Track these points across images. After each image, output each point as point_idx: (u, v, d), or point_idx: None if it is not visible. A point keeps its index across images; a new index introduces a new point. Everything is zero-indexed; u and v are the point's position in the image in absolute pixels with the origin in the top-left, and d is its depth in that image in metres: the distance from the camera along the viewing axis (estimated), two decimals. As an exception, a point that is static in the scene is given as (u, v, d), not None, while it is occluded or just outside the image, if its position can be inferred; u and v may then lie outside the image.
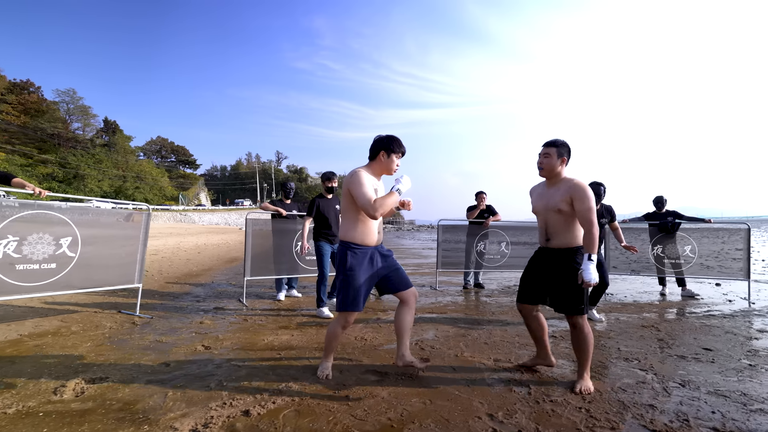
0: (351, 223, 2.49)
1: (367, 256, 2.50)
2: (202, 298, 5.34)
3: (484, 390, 2.51)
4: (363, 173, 2.42)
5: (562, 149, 2.58)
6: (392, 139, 2.55)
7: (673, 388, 2.58)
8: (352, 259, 2.45)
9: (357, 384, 2.55)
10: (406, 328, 2.64)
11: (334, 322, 2.58)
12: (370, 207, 2.32)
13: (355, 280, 2.44)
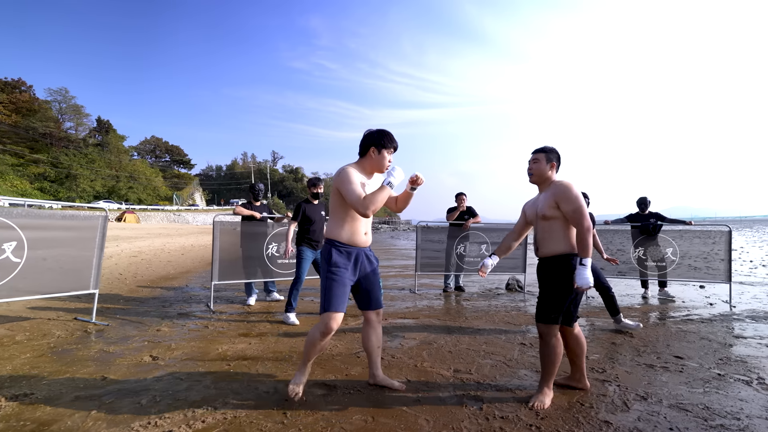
0: (338, 221, 2.35)
1: (352, 256, 2.35)
2: (170, 303, 5.18)
3: (435, 406, 2.37)
4: (351, 170, 2.28)
5: (551, 155, 2.50)
6: (383, 134, 2.36)
7: (634, 402, 2.45)
8: (337, 256, 2.31)
9: (291, 398, 2.41)
10: (374, 347, 2.52)
11: (314, 328, 2.32)
12: (360, 204, 2.18)
13: (339, 277, 2.28)
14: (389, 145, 2.36)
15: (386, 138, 2.36)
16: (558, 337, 2.39)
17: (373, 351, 2.52)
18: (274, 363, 3.02)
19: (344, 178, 2.24)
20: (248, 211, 5.25)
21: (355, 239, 2.35)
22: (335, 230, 2.35)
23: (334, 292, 2.27)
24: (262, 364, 3.00)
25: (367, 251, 2.45)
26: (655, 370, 3.01)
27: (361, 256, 2.40)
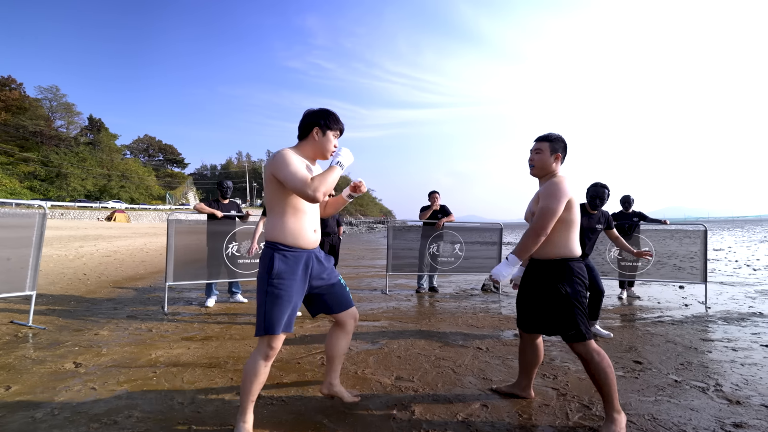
0: (278, 218, 1.91)
1: (300, 261, 1.92)
2: (124, 305, 4.97)
3: (359, 418, 2.19)
4: (289, 152, 1.90)
5: (557, 144, 2.19)
6: (328, 113, 2.04)
7: (576, 413, 2.28)
8: (280, 263, 1.86)
9: (205, 410, 2.22)
10: (339, 353, 2.20)
11: (253, 356, 1.90)
12: (307, 187, 1.79)
13: (283, 291, 1.85)
14: (335, 126, 2.04)
15: (331, 118, 2.03)
16: (597, 349, 2.02)
17: (338, 358, 2.21)
18: (204, 370, 2.83)
19: (281, 161, 1.84)
20: (208, 209, 5.05)
21: (302, 240, 1.93)
22: (275, 230, 1.91)
23: (278, 310, 1.85)
24: (191, 371, 2.80)
25: (316, 252, 2.05)
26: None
27: (312, 260, 1.99)
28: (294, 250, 1.91)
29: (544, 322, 2.16)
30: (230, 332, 3.84)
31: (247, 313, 4.66)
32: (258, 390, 1.92)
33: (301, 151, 2.02)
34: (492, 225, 6.67)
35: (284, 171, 1.82)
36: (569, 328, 2.04)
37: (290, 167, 1.82)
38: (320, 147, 2.02)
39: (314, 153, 2.04)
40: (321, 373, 2.78)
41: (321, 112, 2.03)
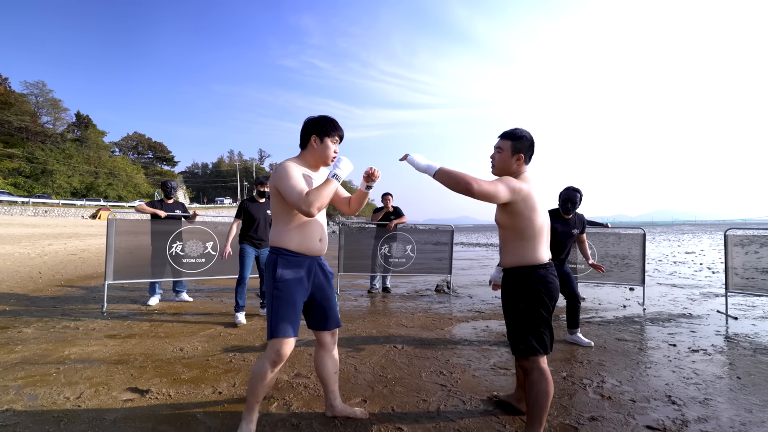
0: (283, 226, 1.96)
1: (304, 267, 1.96)
2: (65, 303, 5.01)
3: (230, 419, 2.28)
4: (290, 164, 1.93)
5: (520, 143, 2.00)
6: (325, 120, 2.03)
7: (428, 419, 2.39)
8: (284, 268, 1.91)
9: (87, 404, 2.30)
10: (329, 374, 2.14)
11: (262, 359, 1.92)
12: (302, 202, 1.81)
13: (287, 295, 1.89)
14: (333, 133, 2.03)
15: (329, 125, 2.03)
16: (541, 370, 1.91)
17: (330, 378, 2.14)
18: (108, 367, 2.90)
19: (282, 174, 1.88)
20: (150, 209, 5.10)
21: (307, 246, 1.97)
22: (281, 236, 1.96)
23: (283, 313, 1.88)
24: (95, 368, 2.87)
25: (321, 261, 2.08)
26: (498, 374, 2.97)
27: (314, 266, 2.02)
28: (297, 255, 1.95)
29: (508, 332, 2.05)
30: (157, 330, 3.91)
31: (189, 312, 4.73)
32: (264, 393, 1.94)
33: (304, 160, 2.05)
34: (444, 227, 6.80)
35: (283, 184, 1.86)
36: (518, 341, 1.93)
37: (289, 181, 1.85)
38: (320, 155, 2.03)
39: (315, 161, 2.06)
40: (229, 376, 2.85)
41: (317, 120, 2.04)
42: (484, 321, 4.64)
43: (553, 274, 1.97)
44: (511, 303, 1.98)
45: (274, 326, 1.87)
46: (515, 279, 1.96)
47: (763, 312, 5.36)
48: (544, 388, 1.88)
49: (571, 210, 3.77)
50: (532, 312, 1.91)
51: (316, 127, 2.02)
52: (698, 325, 4.59)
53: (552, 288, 1.93)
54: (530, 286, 1.91)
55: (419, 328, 4.24)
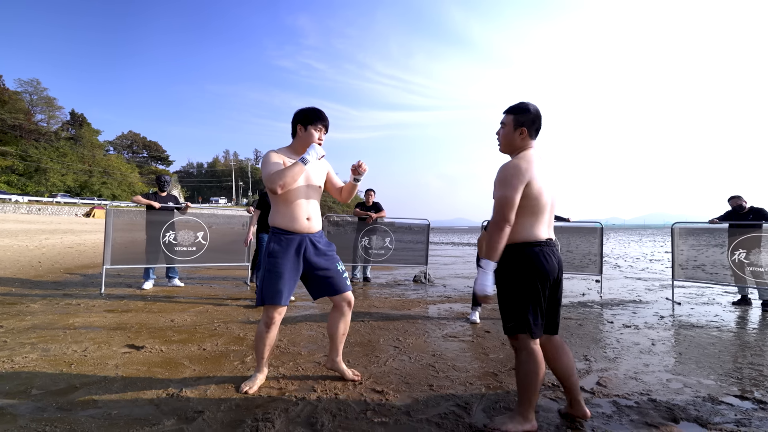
0: (275, 207, 2.25)
1: (293, 243, 2.21)
2: (66, 286, 5.43)
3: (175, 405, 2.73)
4: (271, 153, 2.22)
5: (522, 116, 1.91)
6: (310, 110, 2.27)
7: (377, 367, 2.87)
8: (275, 244, 2.20)
9: (91, 356, 2.74)
10: (339, 334, 2.39)
11: (259, 324, 2.28)
12: (268, 180, 2.09)
13: (277, 267, 2.17)
14: (316, 122, 2.26)
15: (312, 114, 2.26)
16: (530, 350, 1.84)
17: (338, 338, 2.39)
18: (109, 331, 3.34)
19: (263, 161, 2.20)
20: (145, 200, 5.54)
21: (296, 225, 2.22)
22: (274, 216, 2.26)
23: (270, 283, 2.17)
24: (97, 332, 3.32)
25: (313, 237, 2.29)
26: (447, 341, 3.44)
27: (305, 243, 2.25)
28: (287, 233, 2.22)
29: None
30: (151, 307, 4.35)
31: (180, 295, 5.16)
32: (266, 350, 2.26)
33: (292, 148, 2.31)
34: (420, 222, 7.28)
35: (262, 170, 2.17)
36: (507, 319, 1.88)
37: (266, 167, 2.16)
38: (304, 142, 2.26)
39: (302, 148, 2.27)
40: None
41: (303, 110, 2.29)
42: (450, 304, 5.12)
43: (550, 253, 1.87)
44: (502, 279, 1.89)
45: (264, 294, 2.17)
46: (508, 256, 1.86)
47: (707, 299, 5.89)
48: (533, 368, 1.83)
49: None
50: (522, 289, 1.84)
51: (301, 117, 2.27)
52: (642, 308, 5.10)
53: (546, 268, 1.83)
54: (522, 262, 1.83)
55: (388, 308, 4.71)
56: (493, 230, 1.79)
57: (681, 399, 2.32)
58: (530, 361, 1.84)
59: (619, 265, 11.42)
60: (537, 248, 1.86)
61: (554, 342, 2.00)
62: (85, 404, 2.04)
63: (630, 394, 2.37)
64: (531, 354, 1.85)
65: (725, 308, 5.24)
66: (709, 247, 6.29)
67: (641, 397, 2.33)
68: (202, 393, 2.21)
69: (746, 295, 5.48)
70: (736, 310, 5.15)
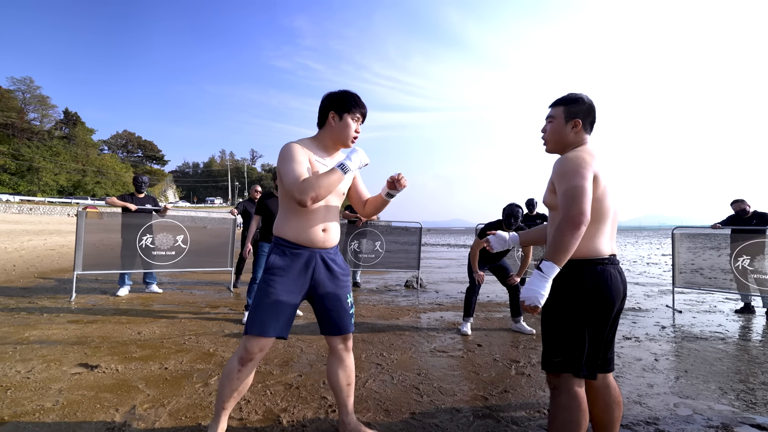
0: (284, 213, 1.75)
1: (301, 259, 1.71)
2: (35, 293, 5.12)
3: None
4: (295, 146, 1.68)
5: (575, 107, 1.61)
6: (346, 95, 1.76)
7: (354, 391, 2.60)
8: (277, 258, 1.70)
9: (36, 378, 2.46)
10: (342, 384, 1.83)
11: (232, 357, 1.68)
12: (295, 188, 1.58)
13: (271, 288, 1.65)
14: (354, 109, 1.75)
15: (350, 99, 1.75)
16: (573, 393, 1.48)
17: (342, 389, 1.84)
18: (64, 347, 3.06)
19: (284, 155, 1.66)
20: (121, 202, 5.25)
21: (308, 236, 1.71)
22: (280, 224, 1.75)
23: (264, 308, 1.64)
24: (51, 347, 3.03)
25: (328, 255, 1.78)
26: (434, 356, 3.18)
27: (316, 260, 1.74)
28: (295, 246, 1.71)
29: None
30: (120, 318, 4.05)
31: (156, 303, 4.87)
32: (231, 397, 1.66)
33: (320, 141, 1.79)
34: (412, 225, 7.03)
35: (283, 166, 1.64)
36: (554, 352, 1.51)
37: (289, 163, 1.63)
38: (339, 134, 1.75)
39: (333, 141, 1.78)
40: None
41: (338, 94, 1.77)
42: (441, 312, 4.87)
43: (615, 270, 1.52)
44: (552, 302, 1.52)
45: (250, 321, 1.65)
46: (563, 274, 1.49)
47: (708, 307, 5.67)
48: (575, 418, 1.45)
49: (513, 224, 3.87)
50: (578, 318, 1.48)
51: (334, 103, 1.75)
52: (642, 317, 4.86)
53: (611, 292, 1.48)
54: (581, 284, 1.48)
55: (375, 318, 4.45)
56: (566, 228, 1.38)
57: (692, 430, 2.07)
58: (573, 408, 1.45)
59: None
60: (600, 267, 1.49)
61: (610, 386, 1.62)
62: (7, 442, 1.76)
63: (635, 424, 2.12)
64: (575, 399, 1.46)
65: (728, 317, 5.01)
66: (706, 250, 6.07)
67: (648, 428, 2.08)
68: (149, 425, 1.94)
69: (749, 303, 5.27)
70: (739, 319, 4.93)
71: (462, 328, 3.94)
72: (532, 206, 6.55)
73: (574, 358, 1.46)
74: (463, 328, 3.93)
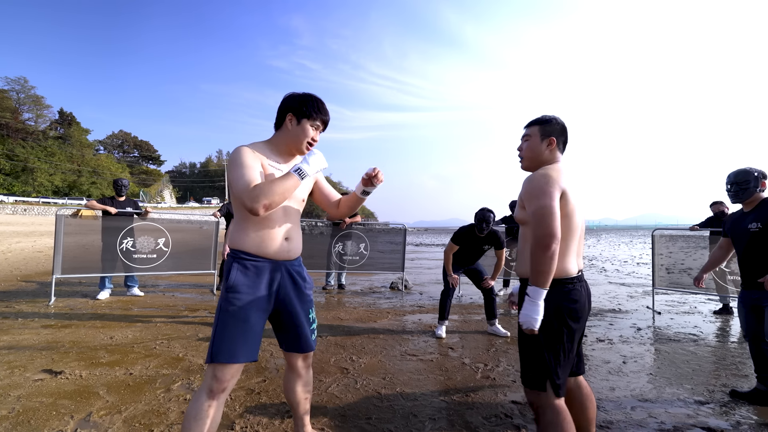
0: (240, 223, 1.59)
1: (265, 273, 1.58)
2: (15, 297, 5.12)
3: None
4: (245, 150, 1.54)
5: (549, 126, 1.69)
6: (308, 98, 1.64)
7: (315, 397, 2.62)
8: (239, 274, 1.54)
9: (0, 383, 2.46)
10: (299, 399, 1.76)
11: (197, 393, 1.50)
12: (246, 195, 1.44)
13: (236, 308, 1.50)
14: (314, 115, 1.63)
15: (311, 103, 1.63)
16: (556, 408, 1.51)
17: (299, 404, 1.77)
18: (32, 352, 3.06)
19: (232, 160, 1.54)
20: (100, 206, 5.25)
21: (270, 247, 1.58)
22: (237, 236, 1.59)
23: (230, 331, 1.49)
24: (19, 353, 3.03)
25: (293, 267, 1.66)
26: (404, 360, 3.20)
27: (281, 273, 1.61)
28: (257, 259, 1.57)
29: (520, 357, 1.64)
30: (95, 322, 4.05)
31: (136, 306, 4.87)
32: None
33: (274, 144, 1.66)
34: (397, 226, 7.04)
35: (232, 172, 1.51)
36: (532, 370, 1.55)
37: (238, 169, 1.50)
38: (294, 139, 1.63)
39: (288, 146, 1.66)
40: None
41: (300, 96, 1.66)
42: (420, 315, 4.89)
43: (581, 289, 1.57)
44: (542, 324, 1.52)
45: (216, 347, 1.47)
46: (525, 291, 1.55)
47: (689, 308, 5.71)
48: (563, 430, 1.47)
49: (485, 229, 3.94)
50: (551, 337, 1.52)
51: (294, 105, 1.63)
52: (621, 319, 4.89)
53: (577, 308, 1.53)
54: (551, 304, 1.50)
55: (353, 321, 4.46)
56: (538, 252, 1.44)
57: (642, 434, 2.10)
58: (558, 423, 1.48)
59: (606, 269, 11.27)
60: (569, 286, 1.53)
61: (581, 386, 1.70)
62: (-46, 451, 1.77)
63: (587, 428, 2.14)
64: (558, 413, 1.50)
65: (705, 318, 5.06)
66: (688, 251, 6.11)
67: (599, 432, 2.11)
68: (101, 432, 1.95)
69: (728, 305, 5.31)
70: (717, 320, 4.97)
71: (437, 331, 3.96)
72: (515, 208, 6.58)
73: (551, 376, 1.50)
74: (438, 331, 3.95)
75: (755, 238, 2.50)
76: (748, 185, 2.56)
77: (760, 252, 2.48)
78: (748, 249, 2.54)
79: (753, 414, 2.36)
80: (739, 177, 2.59)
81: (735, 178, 2.61)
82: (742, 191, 2.58)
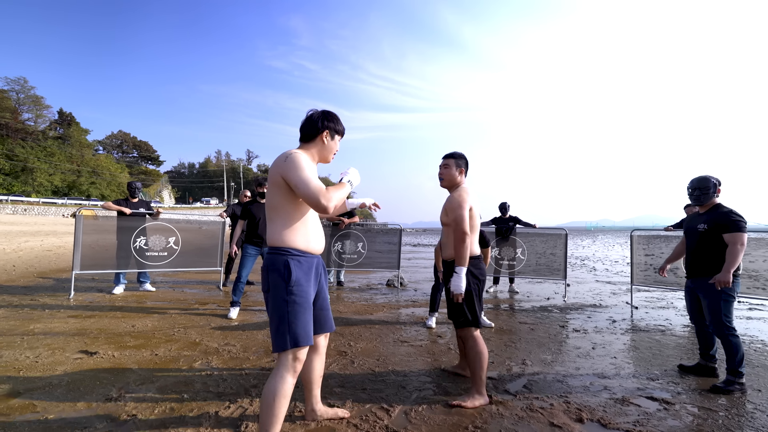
0: (287, 222, 1.78)
1: (312, 266, 1.85)
2: (36, 291, 5.48)
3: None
4: (306, 156, 1.81)
5: (460, 160, 2.60)
6: (336, 117, 1.96)
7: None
8: (298, 270, 1.76)
9: (43, 361, 2.84)
10: (316, 376, 2.06)
11: (278, 376, 1.73)
12: (322, 197, 1.68)
13: (303, 299, 1.76)
14: (342, 132, 1.99)
15: (339, 122, 1.97)
16: (476, 337, 2.45)
17: (315, 381, 2.07)
18: (67, 337, 3.44)
19: (295, 164, 1.72)
20: (116, 207, 5.62)
21: (316, 244, 1.87)
22: (287, 234, 1.78)
23: (302, 320, 1.74)
24: (54, 338, 3.41)
25: (320, 259, 1.97)
26: (397, 345, 3.59)
27: (320, 266, 1.95)
28: (306, 255, 1.82)
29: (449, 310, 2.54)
30: (116, 313, 4.43)
31: (150, 300, 5.25)
32: (280, 414, 1.70)
33: (311, 153, 1.91)
34: (393, 226, 7.43)
35: (298, 175, 1.71)
36: (458, 315, 2.45)
37: (305, 172, 1.72)
38: (328, 151, 1.94)
39: (320, 156, 1.94)
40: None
41: (330, 116, 1.94)
42: (413, 308, 5.27)
43: (481, 260, 2.59)
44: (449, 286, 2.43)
45: (295, 335, 1.72)
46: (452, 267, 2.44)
47: (666, 303, 6.12)
48: (480, 350, 2.42)
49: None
50: (472, 292, 2.45)
51: (333, 123, 1.93)
52: (599, 313, 5.29)
53: (481, 272, 2.55)
54: (470, 273, 2.44)
55: (351, 313, 4.85)
56: (458, 243, 2.38)
57: (595, 401, 2.49)
58: (477, 345, 2.44)
59: (596, 268, 11.67)
60: (476, 260, 2.53)
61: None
62: (23, 408, 2.15)
63: (549, 396, 2.54)
64: (477, 339, 2.46)
65: (678, 312, 5.46)
66: (666, 251, 6.51)
67: (558, 400, 2.50)
68: (140, 397, 2.33)
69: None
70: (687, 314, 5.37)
71: (427, 322, 4.35)
72: (505, 209, 6.96)
73: (470, 316, 2.45)
74: (428, 321, 4.33)
75: (702, 238, 2.90)
76: (708, 191, 2.92)
77: (704, 249, 2.88)
78: (696, 246, 2.94)
79: (694, 384, 2.76)
80: (702, 183, 2.95)
81: (698, 184, 2.97)
82: (704, 195, 2.94)
